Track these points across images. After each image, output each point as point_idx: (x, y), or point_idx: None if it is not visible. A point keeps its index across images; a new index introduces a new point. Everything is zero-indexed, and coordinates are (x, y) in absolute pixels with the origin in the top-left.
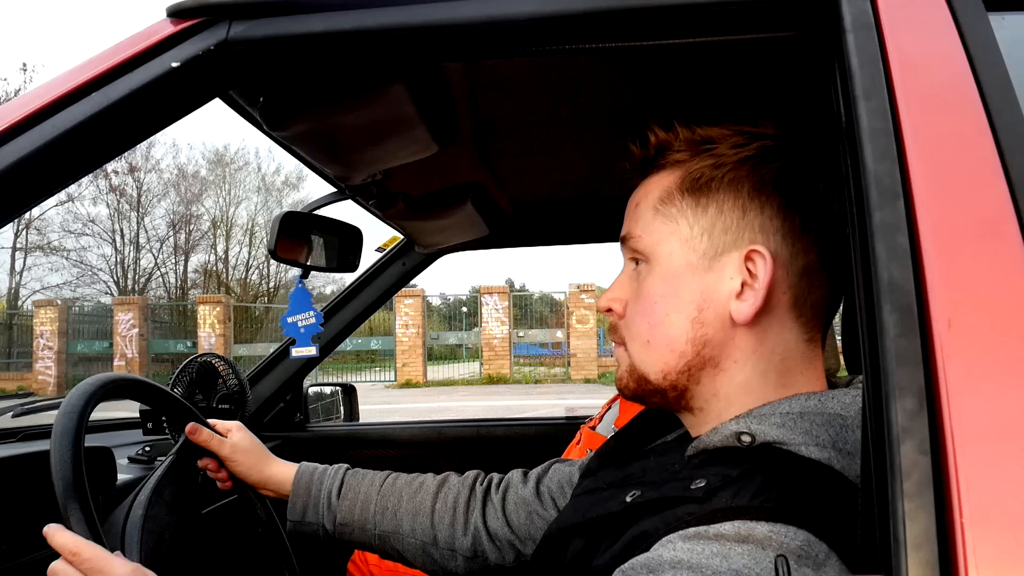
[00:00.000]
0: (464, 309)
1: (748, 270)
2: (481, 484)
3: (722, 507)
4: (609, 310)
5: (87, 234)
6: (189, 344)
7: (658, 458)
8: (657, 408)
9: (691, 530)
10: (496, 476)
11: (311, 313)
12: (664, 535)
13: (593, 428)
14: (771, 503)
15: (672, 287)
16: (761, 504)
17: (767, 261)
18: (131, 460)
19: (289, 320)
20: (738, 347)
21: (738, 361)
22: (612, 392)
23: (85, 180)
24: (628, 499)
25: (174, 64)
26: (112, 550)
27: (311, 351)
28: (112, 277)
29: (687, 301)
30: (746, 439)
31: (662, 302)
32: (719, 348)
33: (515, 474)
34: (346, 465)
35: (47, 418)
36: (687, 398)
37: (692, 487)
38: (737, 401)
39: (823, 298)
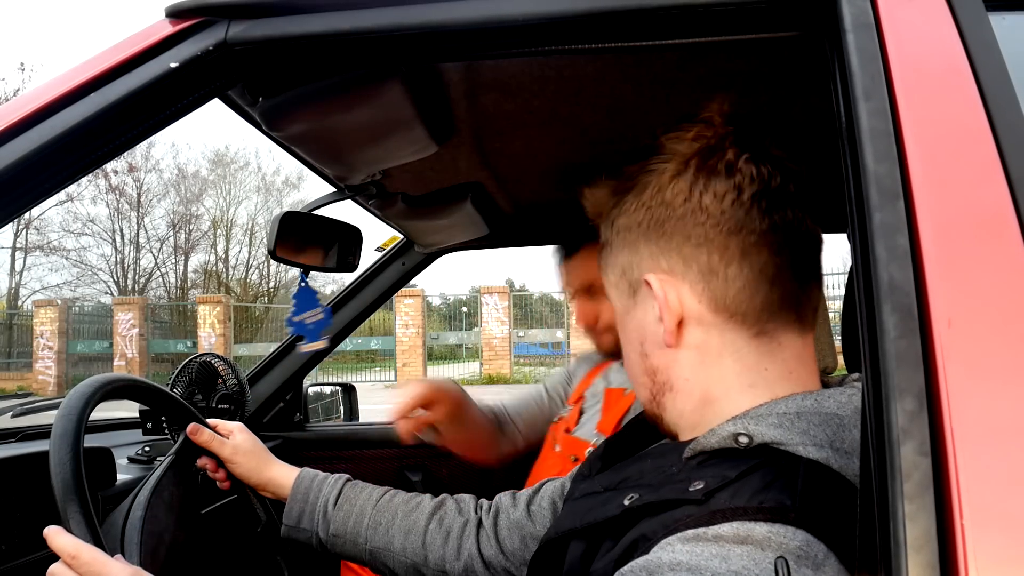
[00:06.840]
0: (464, 309)
1: (656, 296)
2: (475, 512)
3: (721, 508)
4: None
5: (87, 234)
6: (189, 344)
7: (655, 460)
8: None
9: (690, 532)
10: (485, 501)
11: (319, 310)
12: (663, 537)
13: (569, 431)
14: (770, 503)
15: (623, 329)
16: (760, 505)
17: (657, 282)
18: (131, 460)
19: (295, 319)
20: (683, 366)
21: (689, 379)
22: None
23: (85, 180)
24: (626, 502)
25: (173, 64)
26: (112, 551)
27: (321, 345)
28: (112, 277)
29: (633, 339)
30: (743, 440)
31: (624, 344)
32: (667, 372)
33: (503, 497)
34: (347, 476)
35: (47, 418)
36: (665, 422)
37: (690, 489)
38: (706, 415)
39: (744, 289)
